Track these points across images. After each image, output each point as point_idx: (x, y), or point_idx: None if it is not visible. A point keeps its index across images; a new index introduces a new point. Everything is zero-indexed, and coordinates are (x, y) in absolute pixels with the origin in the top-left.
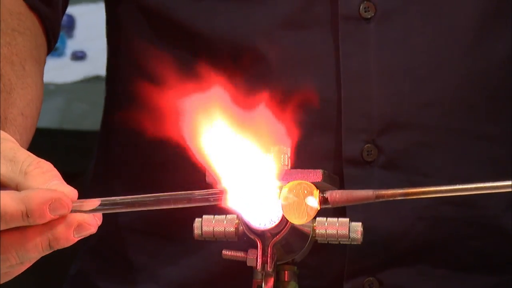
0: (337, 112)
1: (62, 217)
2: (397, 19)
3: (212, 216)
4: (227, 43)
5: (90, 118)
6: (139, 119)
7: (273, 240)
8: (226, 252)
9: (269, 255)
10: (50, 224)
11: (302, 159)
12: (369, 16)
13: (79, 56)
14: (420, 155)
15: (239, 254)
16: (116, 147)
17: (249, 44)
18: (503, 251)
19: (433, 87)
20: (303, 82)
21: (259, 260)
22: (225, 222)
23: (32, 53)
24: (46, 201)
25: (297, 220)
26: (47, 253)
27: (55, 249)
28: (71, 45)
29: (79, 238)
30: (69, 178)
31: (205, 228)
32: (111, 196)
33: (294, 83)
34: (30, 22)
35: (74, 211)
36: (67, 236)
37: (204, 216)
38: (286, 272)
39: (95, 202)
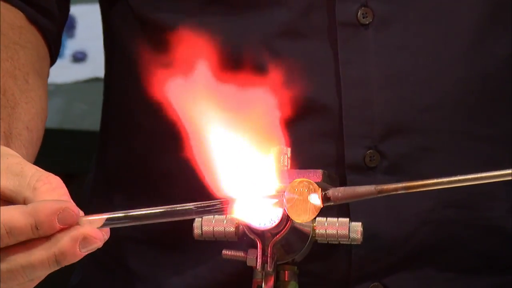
0: (338, 119)
1: (67, 231)
2: (395, 24)
3: (212, 216)
4: (225, 54)
5: (90, 119)
6: (137, 126)
7: (273, 240)
8: (226, 252)
9: (269, 255)
10: (55, 239)
11: (304, 166)
12: (367, 22)
13: (79, 57)
14: (422, 159)
15: (239, 254)
16: (114, 159)
17: (247, 54)
18: (507, 253)
19: (433, 91)
20: (303, 90)
21: (259, 260)
22: (225, 222)
23: (35, 66)
24: (54, 212)
25: (300, 218)
26: (55, 269)
27: (63, 265)
28: (71, 45)
29: (86, 253)
30: (68, 178)
31: (205, 228)
32: (110, 208)
33: (294, 92)
34: (31, 35)
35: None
36: (74, 251)
37: (204, 216)
38: (286, 272)
39: (101, 219)
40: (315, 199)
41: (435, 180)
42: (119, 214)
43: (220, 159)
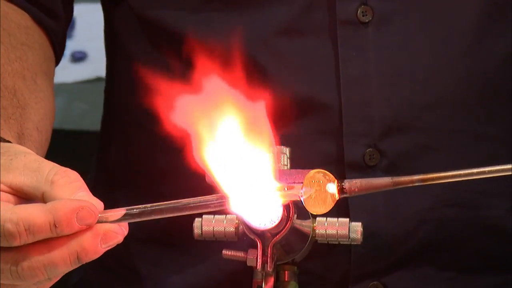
0: (338, 117)
1: (89, 227)
2: (395, 22)
3: (212, 216)
4: (225, 52)
5: (90, 118)
6: (137, 126)
7: (273, 240)
8: (226, 252)
9: (269, 255)
10: (76, 236)
11: (304, 165)
12: (367, 20)
13: (78, 56)
14: (422, 157)
15: (239, 254)
16: (115, 159)
17: (248, 52)
18: (507, 252)
19: (433, 89)
20: (303, 88)
21: (259, 260)
22: (225, 222)
23: (42, 67)
24: (73, 210)
25: (319, 209)
26: (76, 267)
27: (83, 262)
28: (71, 45)
29: (106, 249)
30: None
31: (205, 228)
32: (111, 208)
33: (294, 90)
34: (37, 36)
35: (99, 221)
36: (95, 247)
37: (204, 216)
38: (286, 272)
39: (120, 212)
40: (333, 189)
41: (451, 173)
42: (137, 207)
43: (220, 158)
